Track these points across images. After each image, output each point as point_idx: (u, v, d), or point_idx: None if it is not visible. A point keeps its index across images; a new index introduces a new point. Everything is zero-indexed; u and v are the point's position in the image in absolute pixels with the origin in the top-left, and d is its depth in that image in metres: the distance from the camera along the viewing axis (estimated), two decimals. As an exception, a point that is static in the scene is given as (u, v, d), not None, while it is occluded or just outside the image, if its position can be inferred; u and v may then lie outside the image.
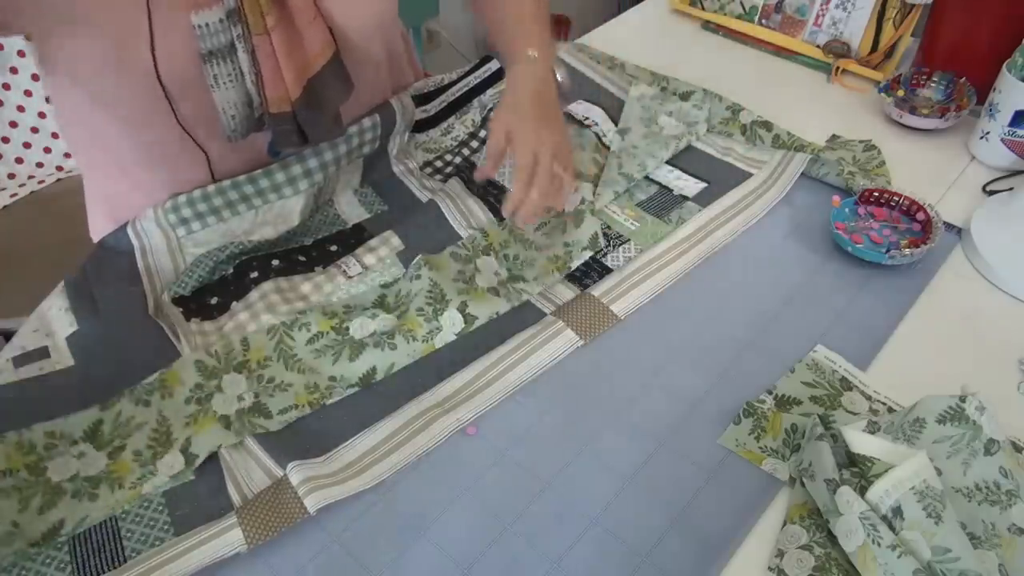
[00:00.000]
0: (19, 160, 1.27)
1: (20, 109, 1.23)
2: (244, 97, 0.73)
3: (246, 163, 0.83)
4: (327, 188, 0.88)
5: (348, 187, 0.90)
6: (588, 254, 0.81)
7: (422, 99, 1.03)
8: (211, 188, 0.80)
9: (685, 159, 0.95)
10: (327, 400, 0.68)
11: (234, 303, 0.77)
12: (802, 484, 0.60)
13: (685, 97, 1.06)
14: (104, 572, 0.56)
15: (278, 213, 0.83)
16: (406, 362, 0.71)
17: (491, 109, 0.99)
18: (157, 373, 0.68)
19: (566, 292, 0.78)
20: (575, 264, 0.80)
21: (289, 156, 0.83)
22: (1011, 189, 0.87)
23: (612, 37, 1.24)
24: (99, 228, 0.88)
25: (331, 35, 0.75)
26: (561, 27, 2.37)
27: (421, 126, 1.00)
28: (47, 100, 1.23)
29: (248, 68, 0.71)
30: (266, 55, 0.70)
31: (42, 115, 1.24)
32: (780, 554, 0.56)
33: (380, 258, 0.83)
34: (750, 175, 0.93)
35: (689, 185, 0.91)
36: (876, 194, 0.85)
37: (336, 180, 0.88)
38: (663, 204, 0.89)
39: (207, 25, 0.67)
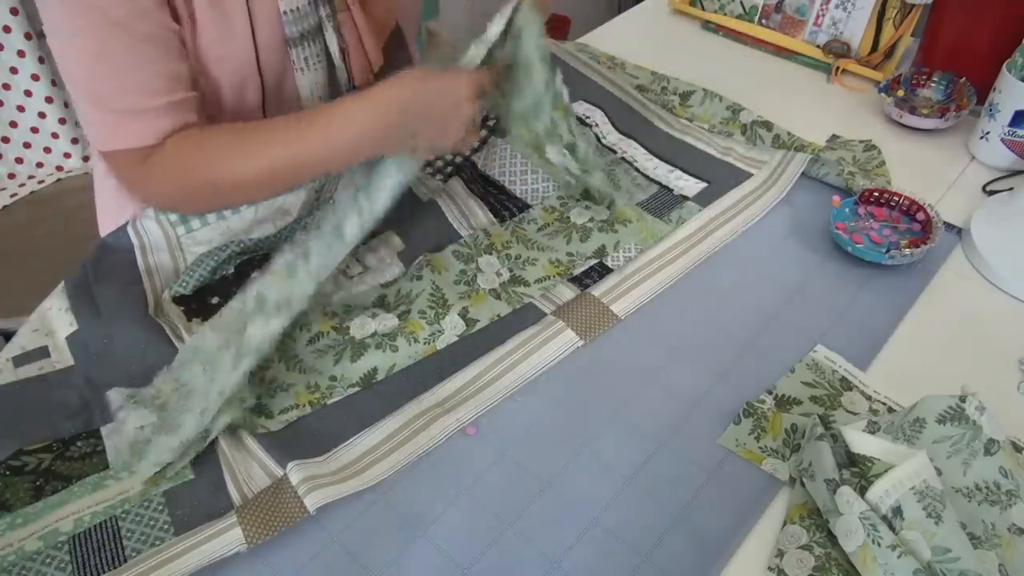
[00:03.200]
0: (19, 160, 1.27)
1: (20, 109, 1.23)
2: (326, 78, 0.77)
3: None
4: (328, 186, 0.88)
5: (350, 186, 0.90)
6: (593, 262, 0.81)
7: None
8: None
9: (685, 159, 0.95)
10: (328, 400, 0.68)
11: (234, 303, 0.77)
12: (802, 484, 0.60)
13: (685, 97, 1.06)
14: (104, 572, 0.56)
15: (278, 208, 0.83)
16: (407, 363, 0.71)
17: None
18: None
19: (566, 292, 0.78)
20: (577, 271, 0.80)
21: None
22: (1011, 189, 0.87)
23: (612, 37, 1.24)
24: (113, 224, 0.88)
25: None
26: (561, 27, 2.37)
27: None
28: (47, 100, 1.23)
29: (335, 45, 0.74)
30: (349, 30, 0.74)
31: (42, 115, 1.24)
32: (780, 554, 0.56)
33: (380, 258, 0.83)
34: (750, 175, 0.93)
35: (689, 185, 0.91)
36: (876, 194, 0.85)
37: (337, 178, 0.88)
38: (663, 204, 0.89)
39: (297, 9, 0.70)
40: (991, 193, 0.90)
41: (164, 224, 0.81)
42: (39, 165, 1.29)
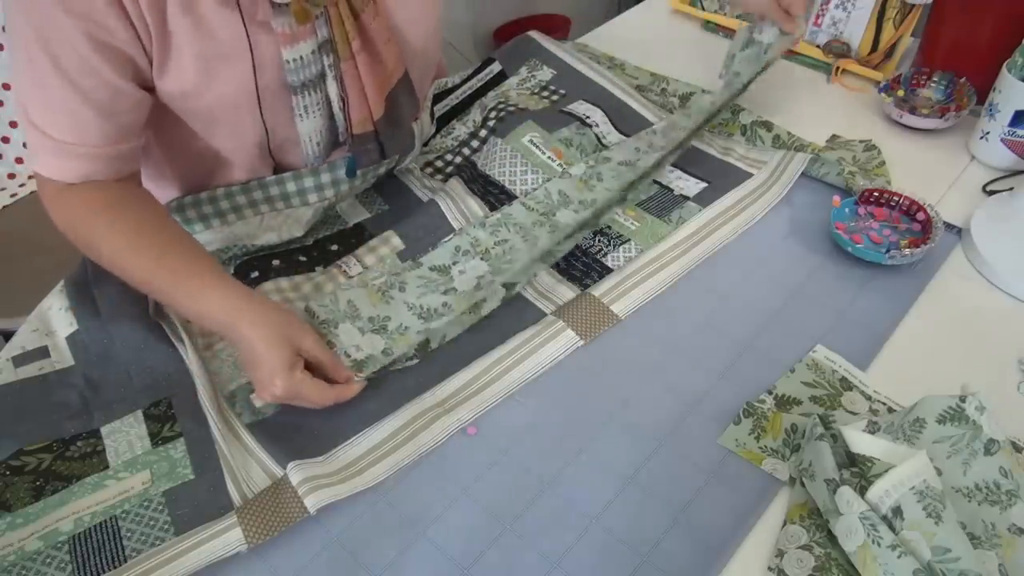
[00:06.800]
0: (19, 160, 1.27)
1: (20, 109, 1.23)
2: (327, 123, 0.76)
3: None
4: (338, 203, 0.88)
5: (351, 191, 0.90)
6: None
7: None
8: (220, 191, 0.80)
9: (685, 159, 0.95)
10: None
11: (234, 303, 0.76)
12: (802, 484, 0.60)
13: (684, 99, 1.06)
14: (104, 572, 0.56)
15: (283, 220, 0.83)
16: (457, 332, 0.74)
17: (492, 109, 0.99)
18: None
19: (566, 292, 0.78)
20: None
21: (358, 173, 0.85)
22: (1011, 189, 0.87)
23: (612, 37, 1.23)
24: None
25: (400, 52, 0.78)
26: (561, 27, 2.37)
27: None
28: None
29: (336, 94, 0.73)
30: (352, 79, 0.73)
31: (42, 115, 1.24)
32: (780, 554, 0.56)
33: (380, 258, 0.83)
34: (750, 175, 0.93)
35: (689, 185, 0.91)
36: (876, 194, 0.85)
37: (347, 196, 0.88)
38: (663, 204, 0.89)
39: (300, 59, 0.69)
40: (991, 193, 0.90)
41: (164, 225, 0.81)
42: (39, 165, 1.29)
